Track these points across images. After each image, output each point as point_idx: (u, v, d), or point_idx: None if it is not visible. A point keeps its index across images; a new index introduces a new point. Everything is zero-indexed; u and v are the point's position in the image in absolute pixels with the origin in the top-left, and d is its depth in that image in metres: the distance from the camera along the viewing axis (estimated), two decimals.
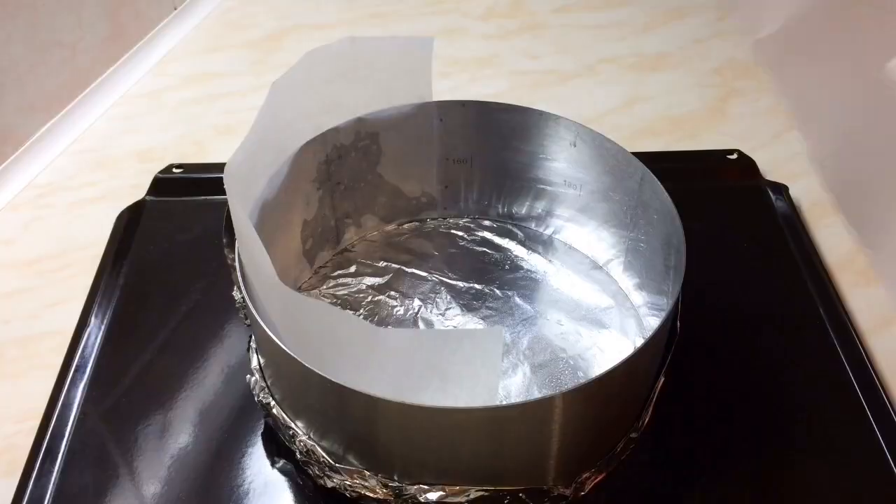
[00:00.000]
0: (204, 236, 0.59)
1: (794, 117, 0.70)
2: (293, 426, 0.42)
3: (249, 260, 0.40)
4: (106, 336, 0.52)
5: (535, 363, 0.49)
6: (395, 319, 0.52)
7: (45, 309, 0.55)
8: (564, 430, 0.38)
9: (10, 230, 0.62)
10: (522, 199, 0.57)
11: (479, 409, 0.36)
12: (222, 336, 0.52)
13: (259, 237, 0.38)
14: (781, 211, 0.60)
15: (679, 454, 0.46)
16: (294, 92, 0.47)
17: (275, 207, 0.48)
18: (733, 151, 0.65)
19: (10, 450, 0.47)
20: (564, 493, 0.41)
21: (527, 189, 0.56)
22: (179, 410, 0.48)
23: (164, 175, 0.64)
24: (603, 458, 0.42)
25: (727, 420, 0.47)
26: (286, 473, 0.45)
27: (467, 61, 0.80)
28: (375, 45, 0.51)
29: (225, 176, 0.40)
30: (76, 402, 0.48)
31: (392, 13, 0.88)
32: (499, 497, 0.39)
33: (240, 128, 0.71)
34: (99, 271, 0.56)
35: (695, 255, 0.42)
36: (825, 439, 0.46)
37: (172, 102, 0.75)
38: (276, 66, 0.80)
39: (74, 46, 0.71)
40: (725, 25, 0.84)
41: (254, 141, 0.44)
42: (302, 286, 0.54)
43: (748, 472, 0.45)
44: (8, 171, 0.65)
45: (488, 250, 0.57)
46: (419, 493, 0.39)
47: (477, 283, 0.54)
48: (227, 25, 0.87)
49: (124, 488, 0.44)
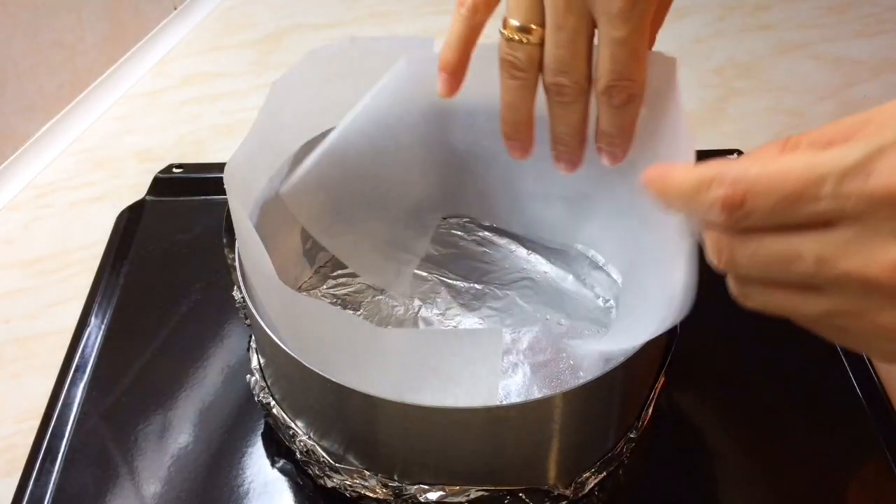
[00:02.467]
0: (204, 236, 0.59)
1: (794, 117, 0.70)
2: (293, 426, 0.42)
3: (249, 260, 0.40)
4: (106, 336, 0.52)
5: (535, 363, 0.49)
6: (395, 319, 0.52)
7: (45, 309, 0.55)
8: (564, 430, 0.38)
9: (10, 230, 0.62)
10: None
11: (478, 409, 0.36)
12: (222, 336, 0.52)
13: (259, 237, 0.38)
14: None
15: (679, 454, 0.46)
16: (294, 92, 0.47)
17: (275, 207, 0.48)
18: (733, 151, 0.65)
19: (10, 450, 0.47)
20: (564, 493, 0.41)
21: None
22: (179, 410, 0.48)
23: (164, 175, 0.64)
24: (603, 458, 0.42)
25: (726, 420, 0.47)
26: (286, 473, 0.45)
27: None
28: (375, 45, 0.51)
29: (225, 176, 0.40)
30: (76, 402, 0.48)
31: (392, 13, 0.88)
32: (499, 497, 0.39)
33: (240, 128, 0.71)
34: (99, 271, 0.57)
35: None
36: (826, 439, 0.46)
37: (172, 102, 0.75)
38: (276, 66, 0.80)
39: (74, 46, 0.71)
40: (725, 25, 0.84)
41: (254, 141, 0.44)
42: (302, 286, 0.54)
43: (748, 472, 0.45)
44: (8, 171, 0.65)
45: (488, 250, 0.56)
46: (419, 493, 0.39)
47: (477, 283, 0.54)
48: (227, 25, 0.87)
49: (124, 488, 0.44)
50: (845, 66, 0.78)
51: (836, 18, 0.85)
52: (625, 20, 0.34)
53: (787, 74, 0.77)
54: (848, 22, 0.84)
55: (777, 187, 0.25)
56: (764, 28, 0.84)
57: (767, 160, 0.26)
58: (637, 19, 0.34)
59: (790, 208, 0.25)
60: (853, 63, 0.78)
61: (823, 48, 0.80)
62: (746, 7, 0.87)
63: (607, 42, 0.35)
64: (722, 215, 0.26)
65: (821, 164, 0.25)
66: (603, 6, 0.34)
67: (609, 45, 0.35)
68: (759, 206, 0.26)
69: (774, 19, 0.85)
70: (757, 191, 0.26)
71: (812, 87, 0.75)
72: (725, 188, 0.26)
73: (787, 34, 0.83)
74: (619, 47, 0.35)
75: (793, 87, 0.75)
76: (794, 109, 0.73)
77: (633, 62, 0.35)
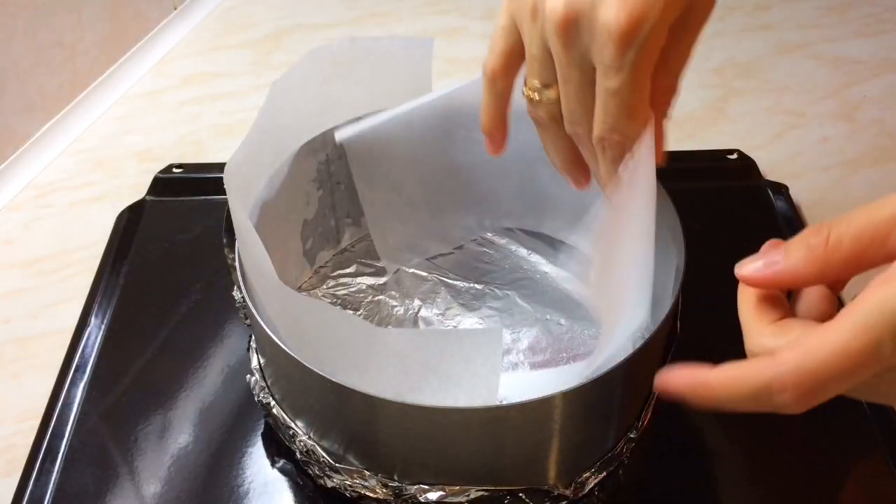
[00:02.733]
0: (204, 236, 0.59)
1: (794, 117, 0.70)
2: (293, 426, 0.42)
3: (249, 260, 0.40)
4: (106, 336, 0.52)
5: (535, 363, 0.49)
6: (395, 319, 0.52)
7: (45, 309, 0.56)
8: (564, 430, 0.38)
9: (10, 230, 0.62)
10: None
11: (479, 409, 0.36)
12: (222, 336, 0.52)
13: (259, 237, 0.38)
14: (781, 211, 0.60)
15: (679, 454, 0.46)
16: (294, 92, 0.47)
17: (275, 207, 0.48)
18: (733, 151, 0.65)
19: (10, 450, 0.47)
20: (564, 493, 0.41)
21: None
22: (179, 410, 0.48)
23: (164, 175, 0.64)
24: (603, 458, 0.42)
25: (726, 420, 0.47)
26: (286, 473, 0.45)
27: (467, 61, 0.80)
28: (375, 45, 0.51)
29: (225, 176, 0.40)
30: (76, 402, 0.48)
31: (392, 13, 0.88)
32: (499, 497, 0.39)
33: (240, 128, 0.71)
34: (99, 271, 0.57)
35: (695, 255, 0.42)
36: (825, 439, 0.46)
37: (172, 102, 0.75)
38: (276, 66, 0.80)
39: (74, 46, 0.71)
40: (725, 25, 0.84)
41: (254, 141, 0.44)
42: (302, 286, 0.54)
43: (748, 472, 0.45)
44: (8, 171, 0.65)
45: (488, 250, 0.56)
46: (419, 493, 0.39)
47: (477, 283, 0.54)
48: (227, 25, 0.87)
49: (124, 488, 0.44)
50: (845, 66, 0.78)
51: (836, 18, 0.85)
52: (616, 70, 0.33)
53: (787, 74, 0.77)
54: (848, 22, 0.84)
55: (839, 373, 0.25)
56: (764, 28, 0.84)
57: (814, 343, 0.26)
58: (628, 70, 0.33)
59: (856, 379, 0.26)
60: (853, 63, 0.78)
61: (823, 48, 0.80)
62: (746, 7, 0.87)
63: (600, 92, 0.35)
64: (790, 412, 0.27)
65: (875, 328, 0.25)
66: (597, 56, 0.34)
67: (601, 96, 0.35)
68: (829, 392, 0.26)
69: (774, 19, 0.85)
70: (826, 381, 0.26)
71: (812, 87, 0.75)
72: (792, 392, 0.26)
73: (787, 34, 0.83)
74: (611, 98, 0.34)
75: (793, 87, 0.75)
76: (794, 109, 0.73)
77: (625, 115, 0.35)
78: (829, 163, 0.67)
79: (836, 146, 0.68)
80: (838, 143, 0.69)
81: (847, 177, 0.65)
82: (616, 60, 0.33)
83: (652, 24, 0.32)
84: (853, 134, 0.70)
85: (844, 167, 0.66)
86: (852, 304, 0.26)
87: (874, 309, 0.25)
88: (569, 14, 0.33)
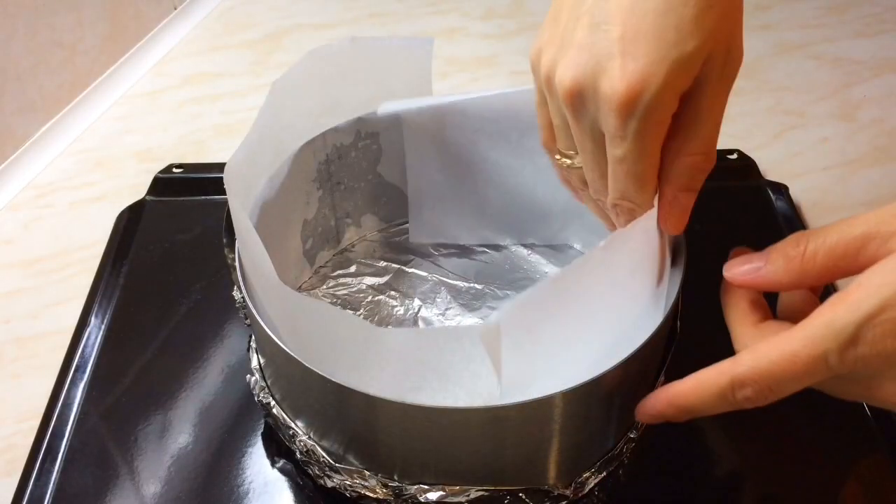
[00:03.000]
0: (204, 236, 0.59)
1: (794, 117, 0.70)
2: (293, 426, 0.42)
3: (249, 260, 0.40)
4: (106, 336, 0.52)
5: None
6: (395, 319, 0.52)
7: (45, 309, 0.56)
8: (564, 430, 0.38)
9: (10, 230, 0.62)
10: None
11: (478, 409, 0.36)
12: (222, 336, 0.52)
13: (259, 237, 0.38)
14: (781, 211, 0.60)
15: (679, 454, 0.46)
16: (294, 92, 0.47)
17: (275, 207, 0.48)
18: (733, 151, 0.65)
19: (10, 450, 0.47)
20: (564, 493, 0.41)
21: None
22: (179, 410, 0.48)
23: (164, 175, 0.64)
24: (603, 458, 0.42)
25: (726, 420, 0.47)
26: (286, 473, 0.45)
27: (467, 61, 0.80)
28: (375, 45, 0.51)
29: (225, 176, 0.40)
30: (76, 402, 0.48)
31: (392, 13, 0.88)
32: (499, 497, 0.39)
33: (240, 128, 0.71)
34: (99, 271, 0.57)
35: (695, 256, 0.42)
36: (825, 438, 0.46)
37: (172, 102, 0.75)
38: (276, 66, 0.80)
39: (74, 46, 0.71)
40: None
41: (254, 141, 0.44)
42: (302, 286, 0.54)
43: (748, 472, 0.45)
44: (8, 171, 0.65)
45: (488, 250, 0.57)
46: (419, 493, 0.39)
47: (477, 283, 0.54)
48: (226, 25, 0.87)
49: (124, 488, 0.44)
50: (845, 66, 0.78)
51: (836, 18, 0.85)
52: (621, 139, 0.33)
53: (786, 74, 0.77)
54: (848, 22, 0.84)
55: (789, 375, 0.31)
56: (764, 28, 0.84)
57: (768, 348, 0.31)
58: (632, 139, 0.33)
59: (808, 381, 0.31)
60: (853, 63, 0.78)
61: (823, 48, 0.80)
62: (746, 7, 0.86)
63: (609, 160, 0.35)
64: (756, 405, 0.32)
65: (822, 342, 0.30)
66: (603, 125, 0.34)
67: (610, 164, 0.35)
68: (785, 389, 0.31)
69: (774, 19, 0.85)
70: (779, 380, 0.31)
71: (812, 87, 0.75)
72: (752, 388, 0.31)
73: (787, 34, 0.83)
74: (618, 166, 0.34)
75: (793, 87, 0.75)
76: (794, 109, 0.73)
77: (632, 183, 0.35)
78: (829, 163, 0.67)
79: (836, 146, 0.68)
80: (838, 143, 0.69)
81: (847, 177, 0.65)
82: (619, 129, 0.33)
83: (654, 92, 0.32)
84: (853, 134, 0.70)
85: (844, 167, 0.66)
86: (808, 318, 0.30)
87: (823, 325, 0.29)
88: (574, 86, 0.33)
